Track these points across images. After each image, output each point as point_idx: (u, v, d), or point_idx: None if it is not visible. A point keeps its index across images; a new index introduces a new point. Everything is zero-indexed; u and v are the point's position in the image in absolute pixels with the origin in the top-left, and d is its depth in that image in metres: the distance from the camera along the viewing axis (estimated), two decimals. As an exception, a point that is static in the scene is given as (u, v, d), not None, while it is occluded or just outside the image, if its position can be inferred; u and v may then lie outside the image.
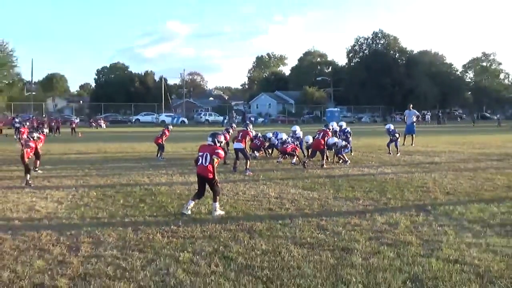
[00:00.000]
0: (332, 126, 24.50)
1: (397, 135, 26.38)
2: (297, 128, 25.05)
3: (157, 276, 7.28)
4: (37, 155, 18.95)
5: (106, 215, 11.55)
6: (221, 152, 12.07)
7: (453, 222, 10.67)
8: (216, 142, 12.17)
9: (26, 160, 16.53)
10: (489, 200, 13.12)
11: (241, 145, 20.05)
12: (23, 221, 11.00)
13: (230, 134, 23.67)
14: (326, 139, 21.35)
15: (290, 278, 7.11)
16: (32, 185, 15.85)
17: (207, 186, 11.75)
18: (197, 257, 8.16)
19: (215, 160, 11.73)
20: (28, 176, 16.27)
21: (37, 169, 19.08)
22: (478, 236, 9.45)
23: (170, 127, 25.85)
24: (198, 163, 11.77)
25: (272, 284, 6.91)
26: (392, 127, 26.95)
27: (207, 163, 11.57)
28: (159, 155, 24.74)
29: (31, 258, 8.14)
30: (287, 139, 23.54)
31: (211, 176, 11.57)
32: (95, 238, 9.43)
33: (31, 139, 17.98)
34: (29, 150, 17.08)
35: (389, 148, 26.38)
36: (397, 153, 25.72)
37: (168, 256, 8.22)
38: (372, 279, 7.08)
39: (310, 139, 22.19)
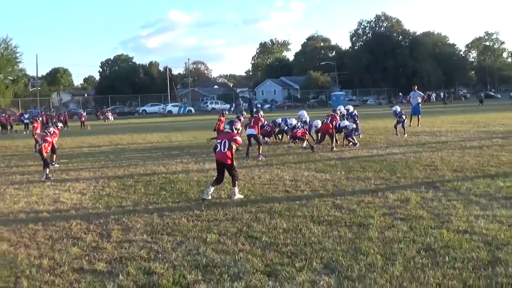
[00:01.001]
0: (340, 110, 24.92)
1: (404, 117, 26.65)
2: (303, 113, 25.44)
3: (188, 256, 7.71)
4: (53, 149, 19.25)
5: (130, 203, 12.01)
6: (239, 139, 12.51)
7: (461, 196, 11.08)
8: (234, 129, 12.65)
9: (45, 154, 16.98)
10: (494, 175, 13.53)
11: (253, 131, 20.52)
12: (51, 213, 11.39)
13: (241, 121, 24.10)
14: (334, 123, 21.75)
15: (312, 252, 7.57)
16: (51, 179, 16.29)
17: (225, 172, 12.22)
18: (224, 237, 8.60)
19: (234, 146, 12.20)
20: (47, 170, 16.68)
21: (54, 163, 19.42)
22: (485, 208, 9.89)
23: (226, 112, 25.51)
24: (217, 150, 12.17)
25: (297, 258, 7.34)
26: (399, 109, 27.25)
27: (226, 150, 11.97)
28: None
29: (66, 246, 8.54)
30: (297, 124, 23.91)
31: (229, 162, 12.01)
32: (123, 225, 9.86)
33: (48, 134, 18.27)
34: (47, 144, 17.48)
35: (396, 129, 26.67)
36: (404, 134, 26.01)
37: (196, 238, 8.65)
38: (388, 250, 7.54)
39: (319, 123, 22.52)
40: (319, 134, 22.65)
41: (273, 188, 13.07)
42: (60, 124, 23.95)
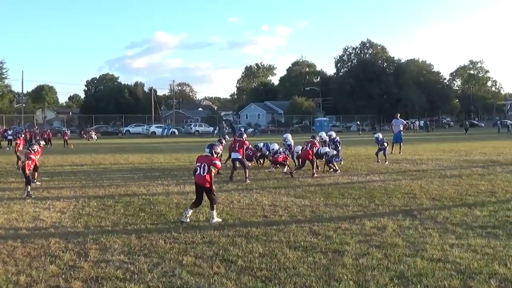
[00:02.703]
0: (321, 136, 25.07)
1: (385, 144, 26.89)
2: (288, 136, 25.62)
3: (164, 277, 7.82)
4: (35, 167, 19.28)
5: (109, 223, 12.07)
6: (218, 163, 12.64)
7: (438, 225, 11.25)
8: (213, 153, 12.72)
9: (27, 172, 17.02)
10: (472, 205, 13.72)
11: (238, 155, 20.56)
12: (30, 230, 11.44)
13: (223, 144, 24.20)
14: (314, 149, 21.86)
15: (286, 277, 7.68)
16: (32, 196, 16.32)
17: (204, 195, 12.29)
18: (200, 260, 8.69)
19: (213, 170, 12.29)
20: (29, 187, 16.74)
21: (35, 180, 19.44)
22: (461, 237, 10.05)
23: (245, 136, 25.75)
24: (196, 173, 12.31)
25: (270, 283, 7.46)
26: (381, 136, 27.46)
27: (205, 173, 12.09)
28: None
29: (43, 264, 8.61)
30: (279, 149, 23.98)
31: (208, 185, 12.10)
32: (101, 244, 9.93)
33: (32, 151, 18.34)
34: (30, 162, 17.54)
35: (377, 156, 26.87)
36: (385, 162, 26.15)
37: (172, 260, 8.75)
38: (362, 277, 7.65)
39: (299, 149, 22.77)
40: (299, 160, 22.74)
41: (252, 213, 13.16)
42: (42, 142, 23.93)
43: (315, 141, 22.54)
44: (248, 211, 13.38)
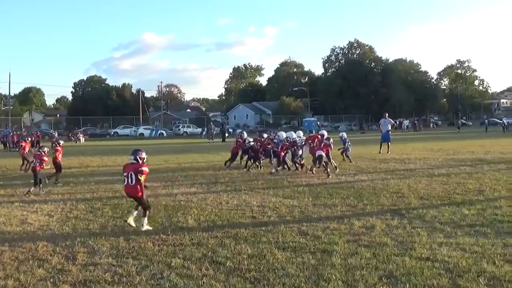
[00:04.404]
0: (287, 136, 25.29)
1: (347, 145, 27.29)
2: (292, 133, 25.62)
3: (152, 280, 7.80)
4: (59, 168, 20.10)
5: (97, 226, 12.03)
6: (145, 169, 12.04)
7: (426, 224, 11.26)
8: (139, 159, 12.10)
9: (37, 172, 17.73)
10: (460, 203, 13.76)
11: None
12: (18, 234, 11.40)
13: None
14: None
15: (275, 278, 7.67)
16: (30, 196, 16.80)
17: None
18: (188, 262, 8.67)
19: (142, 177, 11.76)
20: (36, 188, 17.38)
21: (57, 181, 20.02)
22: (449, 236, 10.07)
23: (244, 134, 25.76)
24: (125, 184, 11.86)
25: (259, 284, 7.47)
26: (345, 135, 27.74)
27: (134, 182, 11.64)
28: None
29: (31, 268, 8.55)
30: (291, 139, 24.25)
31: (139, 194, 11.67)
32: (89, 247, 9.88)
33: (43, 153, 18.54)
34: (43, 164, 18.13)
35: (343, 156, 27.36)
36: (350, 162, 26.61)
37: (161, 262, 8.72)
38: (350, 276, 7.65)
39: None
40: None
41: (240, 214, 13.15)
42: (61, 142, 23.98)
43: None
44: (237, 212, 13.37)
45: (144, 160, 12.34)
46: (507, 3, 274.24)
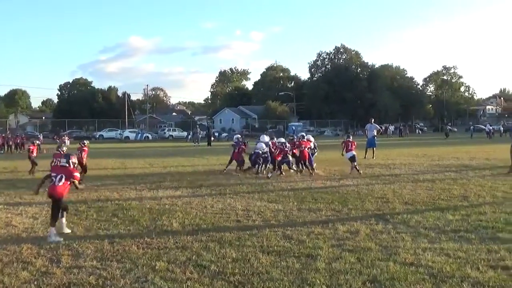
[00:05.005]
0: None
1: (315, 150, 27.07)
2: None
3: (137, 283, 7.80)
4: (84, 168, 20.29)
5: (82, 229, 11.99)
6: (77, 174, 12.22)
7: (411, 229, 11.31)
8: (71, 163, 12.06)
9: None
10: (444, 209, 13.82)
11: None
12: (2, 236, 11.38)
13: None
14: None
15: (260, 282, 7.69)
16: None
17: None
18: (172, 265, 8.67)
19: (71, 181, 11.83)
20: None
21: (82, 182, 19.60)
22: (433, 241, 10.13)
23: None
24: (51, 184, 11.71)
25: (243, 288, 7.49)
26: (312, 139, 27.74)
27: (61, 184, 11.55)
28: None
29: (16, 270, 8.54)
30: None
31: (60, 196, 11.54)
32: (73, 250, 9.86)
33: (61, 152, 18.46)
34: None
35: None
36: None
37: (145, 265, 8.71)
38: (334, 281, 7.68)
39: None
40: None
41: (225, 218, 13.15)
42: (86, 141, 23.99)
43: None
44: (222, 216, 13.36)
45: (75, 165, 12.52)
46: (493, 10, 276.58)
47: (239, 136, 28.88)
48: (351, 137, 26.16)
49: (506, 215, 12.76)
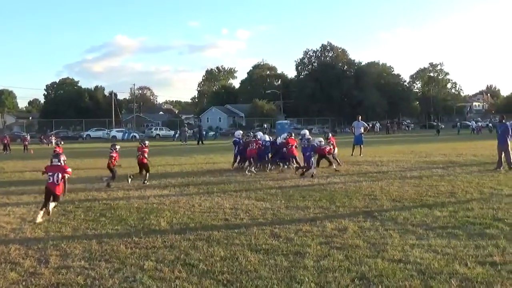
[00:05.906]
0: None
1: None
2: (306, 132, 25.42)
3: (125, 283, 7.78)
4: (146, 167, 20.63)
5: (70, 229, 11.92)
6: (70, 170, 13.81)
7: (398, 226, 11.33)
8: (62, 162, 13.68)
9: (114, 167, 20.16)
10: (432, 205, 13.85)
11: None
12: (-11, 237, 11.31)
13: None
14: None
15: (248, 280, 7.70)
16: (111, 186, 19.39)
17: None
18: (161, 265, 8.66)
19: (66, 177, 13.51)
20: (112, 182, 19.65)
21: (146, 181, 20.39)
22: (421, 238, 10.15)
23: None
24: (49, 181, 13.16)
25: (232, 286, 7.49)
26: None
27: (59, 182, 13.16)
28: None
29: (4, 271, 8.50)
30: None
31: (61, 191, 13.20)
32: (62, 250, 9.83)
33: (114, 150, 20.37)
34: (112, 160, 20.09)
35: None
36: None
37: (133, 265, 8.70)
38: (323, 278, 7.70)
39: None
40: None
41: (213, 216, 13.13)
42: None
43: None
44: (209, 215, 13.34)
45: (65, 162, 13.93)
46: (478, 8, 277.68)
47: (241, 132, 28.79)
48: (330, 135, 27.48)
49: (493, 211, 12.80)
